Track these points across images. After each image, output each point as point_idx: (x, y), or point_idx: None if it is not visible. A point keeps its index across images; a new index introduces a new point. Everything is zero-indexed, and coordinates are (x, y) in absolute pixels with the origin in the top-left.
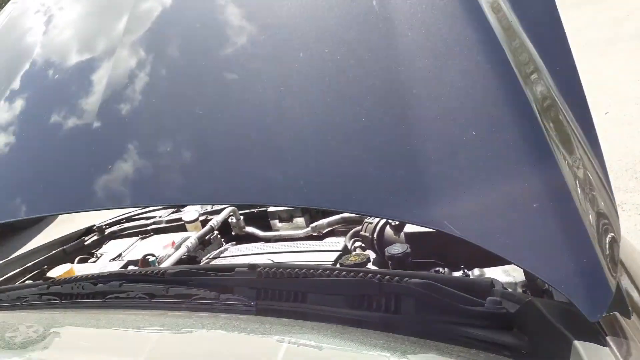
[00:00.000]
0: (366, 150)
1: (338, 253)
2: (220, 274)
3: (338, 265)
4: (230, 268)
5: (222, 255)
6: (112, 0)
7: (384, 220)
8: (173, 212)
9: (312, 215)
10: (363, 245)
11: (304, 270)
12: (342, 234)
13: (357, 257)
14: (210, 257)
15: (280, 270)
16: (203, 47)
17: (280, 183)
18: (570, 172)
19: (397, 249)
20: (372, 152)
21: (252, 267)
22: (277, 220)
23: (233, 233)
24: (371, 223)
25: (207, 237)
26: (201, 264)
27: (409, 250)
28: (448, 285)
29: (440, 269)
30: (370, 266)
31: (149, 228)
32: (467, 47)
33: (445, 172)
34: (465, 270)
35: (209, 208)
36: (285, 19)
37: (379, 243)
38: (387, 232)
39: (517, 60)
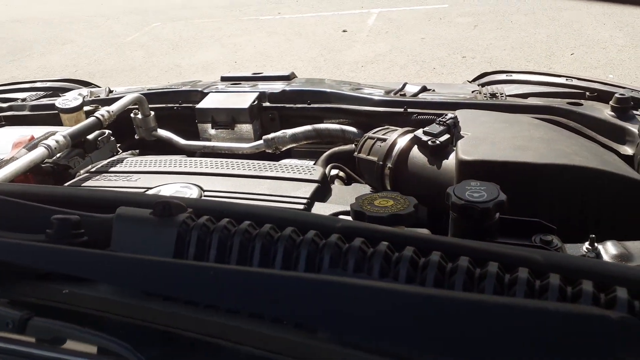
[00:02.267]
0: None
1: (314, 186)
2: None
3: (340, 209)
4: (104, 200)
5: (111, 169)
6: None
7: (407, 137)
8: (46, 95)
9: (264, 122)
10: (342, 175)
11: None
12: (309, 155)
13: (391, 202)
14: (92, 169)
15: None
16: None
17: None
18: None
19: (478, 191)
20: None
21: (163, 206)
22: (209, 125)
23: (137, 136)
24: (382, 140)
25: (91, 138)
26: (75, 179)
27: (503, 197)
28: None
29: (554, 239)
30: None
31: (1, 115)
32: None
33: None
34: (596, 244)
35: (102, 95)
36: None
37: (396, 175)
38: (415, 158)
39: None
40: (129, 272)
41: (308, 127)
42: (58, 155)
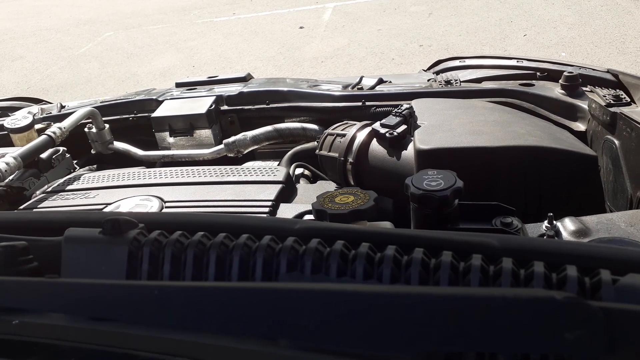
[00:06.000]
0: None
1: (278, 187)
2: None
3: (304, 210)
4: (54, 222)
5: (69, 188)
6: None
7: (366, 131)
8: None
9: (224, 126)
10: (308, 174)
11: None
12: (274, 156)
13: (352, 197)
14: (48, 190)
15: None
16: None
17: None
18: None
19: (435, 179)
20: None
21: (112, 224)
22: (167, 133)
23: (93, 151)
24: (341, 136)
25: (45, 157)
26: (31, 201)
27: (460, 183)
28: None
29: (514, 220)
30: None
31: None
32: None
33: None
34: (554, 222)
35: (54, 111)
36: None
37: (358, 169)
38: (374, 151)
39: None
40: (73, 299)
41: (269, 128)
42: (10, 177)
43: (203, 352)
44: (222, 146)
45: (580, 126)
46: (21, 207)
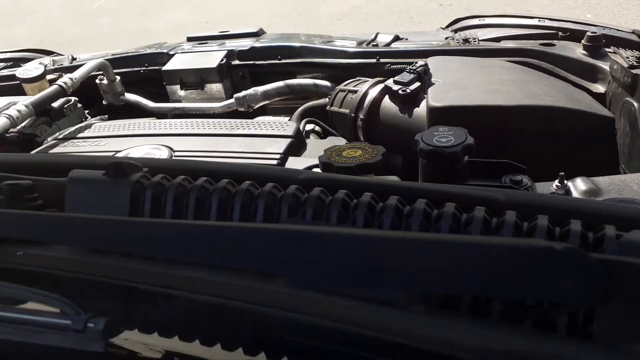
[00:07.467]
0: None
1: (288, 141)
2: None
3: (309, 164)
4: (59, 164)
5: (79, 135)
6: None
7: (378, 87)
8: (6, 67)
9: (235, 80)
10: (318, 130)
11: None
12: (286, 112)
13: (360, 152)
14: (60, 137)
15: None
16: None
17: None
18: None
19: (446, 136)
20: None
21: (115, 167)
22: (177, 86)
23: (105, 102)
24: (353, 92)
25: (57, 106)
26: (42, 147)
27: (471, 140)
28: None
29: (524, 178)
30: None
31: None
32: None
33: None
34: (565, 181)
35: (65, 63)
36: None
37: (368, 126)
38: (386, 108)
39: None
40: (79, 231)
41: (280, 83)
42: (22, 125)
43: (202, 287)
44: (232, 100)
45: (599, 88)
46: (32, 152)
